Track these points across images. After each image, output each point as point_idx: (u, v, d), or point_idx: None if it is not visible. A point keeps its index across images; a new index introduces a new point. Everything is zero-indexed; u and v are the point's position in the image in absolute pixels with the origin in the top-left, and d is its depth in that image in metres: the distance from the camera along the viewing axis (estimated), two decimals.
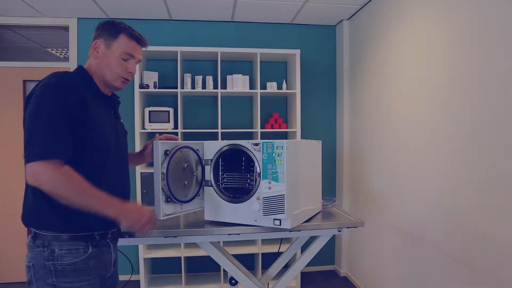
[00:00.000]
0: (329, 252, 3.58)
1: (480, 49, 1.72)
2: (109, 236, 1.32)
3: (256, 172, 1.52)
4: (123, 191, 1.40)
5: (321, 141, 1.93)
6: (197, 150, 1.65)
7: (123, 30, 1.32)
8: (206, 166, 1.65)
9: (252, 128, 3.32)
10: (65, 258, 1.18)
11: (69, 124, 1.16)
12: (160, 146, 1.46)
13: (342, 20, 3.36)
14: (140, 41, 1.35)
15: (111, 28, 1.31)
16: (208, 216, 1.65)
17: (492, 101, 1.65)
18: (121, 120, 1.51)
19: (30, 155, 1.11)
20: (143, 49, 1.41)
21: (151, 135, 3.20)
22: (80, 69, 1.32)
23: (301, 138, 3.22)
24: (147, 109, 2.99)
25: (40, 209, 1.19)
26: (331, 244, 3.58)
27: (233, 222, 1.58)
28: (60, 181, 1.12)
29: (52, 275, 1.17)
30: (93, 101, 1.27)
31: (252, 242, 3.24)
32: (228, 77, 3.13)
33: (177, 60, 3.11)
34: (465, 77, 1.81)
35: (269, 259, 3.09)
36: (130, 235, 1.53)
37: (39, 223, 1.20)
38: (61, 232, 1.19)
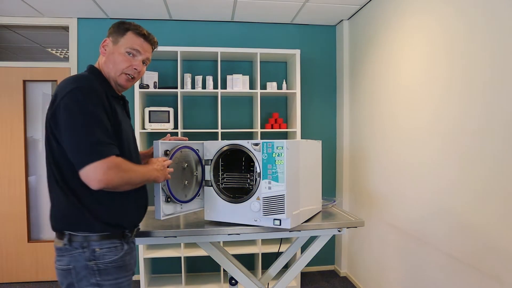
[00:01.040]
0: (329, 252, 3.58)
1: (481, 49, 1.72)
2: (134, 234, 1.37)
3: (256, 172, 1.52)
4: (144, 192, 1.41)
5: (321, 141, 1.94)
6: (197, 150, 1.65)
7: (131, 27, 1.33)
8: (206, 166, 1.65)
9: (252, 128, 3.32)
10: (106, 256, 1.22)
11: (109, 121, 1.20)
12: (160, 146, 1.46)
13: (342, 20, 3.36)
14: (146, 37, 1.35)
15: (120, 26, 1.33)
16: (208, 216, 1.65)
17: (493, 100, 1.65)
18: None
19: (88, 157, 1.12)
20: (154, 50, 1.42)
21: (151, 135, 3.20)
22: (94, 71, 1.32)
23: (301, 138, 3.22)
24: (147, 109, 2.99)
25: (76, 213, 1.20)
26: (331, 244, 3.58)
27: (233, 222, 1.59)
28: (124, 170, 1.17)
29: (96, 274, 1.20)
30: (114, 103, 1.28)
31: (252, 242, 3.24)
32: (228, 77, 3.13)
33: (177, 60, 3.11)
34: (466, 77, 1.81)
35: (269, 259, 3.10)
36: None
37: (75, 225, 1.21)
38: (99, 232, 1.21)
